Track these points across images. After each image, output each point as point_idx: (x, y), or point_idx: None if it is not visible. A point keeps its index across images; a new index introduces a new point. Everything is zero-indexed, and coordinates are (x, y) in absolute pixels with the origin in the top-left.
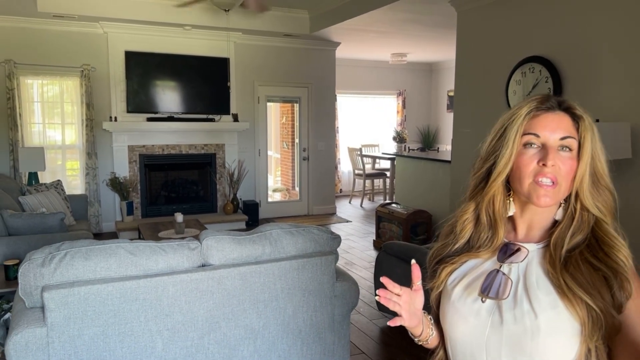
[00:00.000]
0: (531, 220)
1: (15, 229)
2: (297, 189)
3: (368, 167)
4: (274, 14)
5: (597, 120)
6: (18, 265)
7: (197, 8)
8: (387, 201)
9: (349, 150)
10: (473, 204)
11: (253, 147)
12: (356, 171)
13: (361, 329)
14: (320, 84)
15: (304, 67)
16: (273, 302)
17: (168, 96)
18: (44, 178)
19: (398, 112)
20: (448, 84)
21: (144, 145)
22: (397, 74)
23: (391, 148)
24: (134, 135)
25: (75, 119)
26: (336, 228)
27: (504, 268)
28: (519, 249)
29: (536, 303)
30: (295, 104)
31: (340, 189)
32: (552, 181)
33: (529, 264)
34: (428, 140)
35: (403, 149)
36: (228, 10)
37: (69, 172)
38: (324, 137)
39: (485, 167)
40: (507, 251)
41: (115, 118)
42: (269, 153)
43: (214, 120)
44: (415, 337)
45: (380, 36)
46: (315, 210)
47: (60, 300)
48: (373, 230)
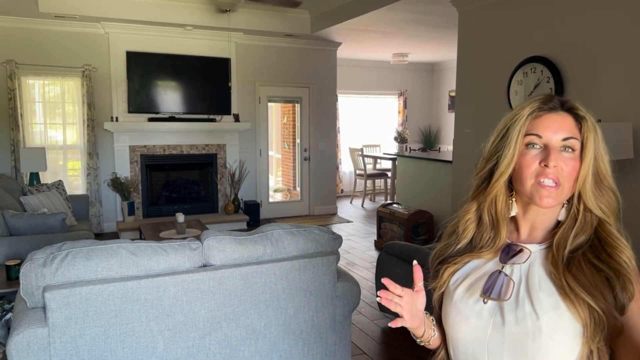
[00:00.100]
0: (534, 221)
1: (16, 229)
2: (298, 189)
3: (369, 168)
4: (275, 14)
5: (599, 121)
6: (19, 265)
7: (198, 8)
8: (389, 201)
9: (350, 151)
10: (475, 204)
11: (254, 148)
12: (357, 171)
13: (362, 330)
14: (321, 84)
15: (305, 67)
16: (274, 303)
17: (169, 96)
18: (45, 178)
19: (399, 112)
20: (449, 84)
21: (145, 146)
22: (399, 74)
23: (392, 148)
24: (135, 136)
25: (76, 119)
26: (337, 228)
27: (506, 269)
28: (521, 250)
29: (538, 304)
30: (296, 104)
31: (342, 189)
32: (555, 182)
33: (532, 265)
34: (429, 141)
35: (404, 149)
36: (229, 11)
37: (70, 172)
38: (325, 138)
39: (488, 167)
40: (510, 252)
41: (117, 118)
42: (270, 153)
43: (215, 121)
44: (417, 338)
45: (382, 36)
46: (317, 210)
47: (62, 300)
48: (374, 230)
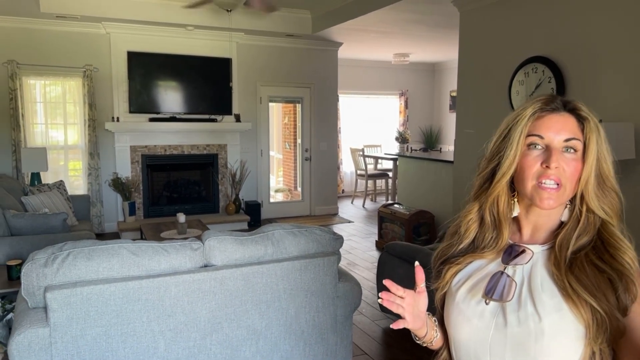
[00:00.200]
0: (536, 222)
1: (18, 229)
2: (299, 189)
3: (370, 168)
4: (276, 14)
5: (600, 121)
6: (21, 265)
7: (199, 8)
8: (390, 202)
9: (351, 151)
10: (477, 205)
11: (255, 148)
12: (358, 172)
13: (363, 330)
14: (322, 84)
15: (306, 68)
16: (275, 303)
17: (170, 96)
18: (47, 178)
19: (400, 113)
20: (450, 84)
21: (146, 146)
22: (400, 74)
23: (393, 148)
24: (136, 136)
25: (77, 119)
26: (338, 228)
27: (509, 270)
28: (523, 251)
29: (540, 306)
30: (297, 104)
31: (343, 190)
32: (556, 183)
33: (534, 266)
34: (430, 141)
35: (405, 150)
36: (230, 11)
37: (71, 173)
38: (326, 138)
39: (490, 168)
40: (512, 253)
41: (118, 118)
42: (271, 153)
43: (216, 121)
44: (419, 339)
45: (383, 36)
46: (318, 210)
47: (63, 300)
48: (375, 230)
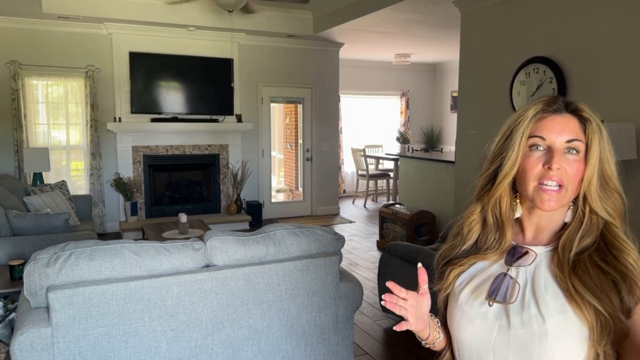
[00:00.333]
0: (539, 223)
1: (20, 229)
2: (301, 189)
3: (371, 168)
4: (277, 15)
5: (602, 121)
6: (23, 265)
7: (201, 9)
8: (391, 202)
9: (352, 151)
10: (479, 206)
11: (256, 148)
12: (360, 172)
13: (365, 330)
14: (323, 84)
15: (307, 68)
16: (277, 303)
17: (172, 97)
18: (49, 178)
19: (402, 113)
20: (452, 84)
21: (148, 146)
22: (401, 75)
23: (395, 149)
24: (138, 136)
25: (79, 119)
26: (340, 229)
27: (512, 271)
28: (527, 252)
29: (544, 307)
30: (298, 105)
31: (344, 190)
32: (558, 184)
33: (537, 268)
34: (432, 141)
35: (406, 150)
36: (232, 11)
37: (73, 173)
38: (328, 138)
39: (492, 169)
40: (515, 254)
41: (120, 119)
42: (273, 154)
43: (218, 121)
44: (422, 341)
45: (384, 37)
46: (319, 210)
47: (65, 300)
48: (376, 230)
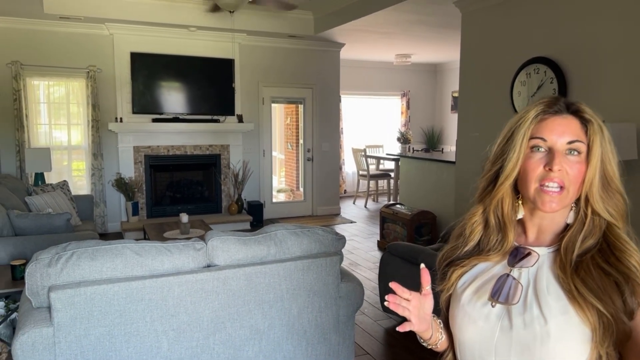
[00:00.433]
0: (541, 224)
1: (21, 229)
2: (302, 189)
3: (372, 168)
4: (278, 15)
5: (604, 122)
6: (25, 265)
7: (202, 9)
8: (392, 202)
9: (353, 151)
10: (481, 207)
11: (257, 148)
12: (360, 172)
13: (366, 330)
14: (324, 85)
15: (308, 68)
16: (278, 303)
17: (173, 97)
18: (50, 178)
19: (402, 113)
20: (452, 84)
21: (149, 146)
22: (402, 75)
23: (395, 149)
24: (140, 136)
25: (81, 119)
26: (340, 229)
27: (514, 272)
28: (529, 253)
29: (546, 309)
30: (299, 105)
31: (345, 190)
32: (559, 186)
33: (540, 269)
34: (432, 141)
35: (407, 150)
36: (233, 12)
37: (74, 173)
38: (329, 138)
39: (494, 170)
40: (518, 255)
41: (121, 119)
42: (274, 154)
43: (219, 121)
44: (424, 342)
45: (385, 37)
46: (320, 211)
47: (67, 300)
48: (377, 231)
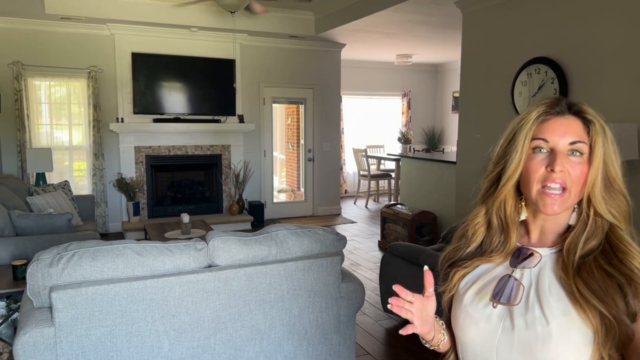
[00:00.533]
0: (543, 226)
1: (23, 230)
2: (303, 189)
3: (373, 168)
4: (279, 15)
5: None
6: (26, 265)
7: (203, 10)
8: (392, 202)
9: (354, 151)
10: (484, 208)
11: (258, 148)
12: (361, 172)
13: (366, 330)
14: (325, 85)
15: (309, 69)
16: (279, 303)
17: (174, 97)
18: (52, 179)
19: (403, 113)
20: (453, 85)
21: (150, 146)
22: (402, 75)
23: (396, 149)
24: (141, 136)
25: (82, 120)
26: (341, 229)
27: (516, 273)
28: (532, 254)
29: (548, 309)
30: (300, 105)
31: (345, 190)
32: (562, 187)
33: (542, 269)
34: (433, 142)
35: (408, 150)
36: (234, 12)
37: (76, 173)
38: (329, 138)
39: (496, 171)
40: (520, 256)
41: (122, 119)
42: (275, 154)
43: (220, 122)
44: (426, 342)
45: (386, 37)
46: (321, 211)
47: (68, 300)
48: (378, 231)
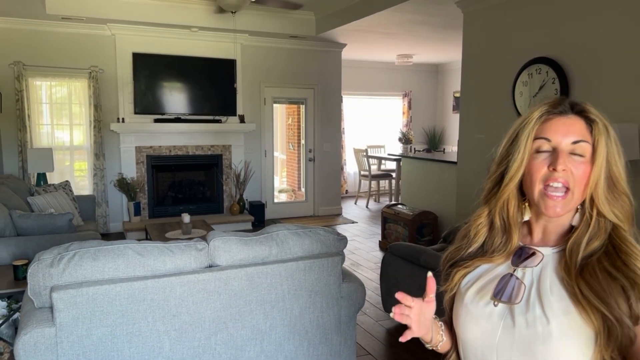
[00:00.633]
0: (546, 226)
1: (24, 230)
2: (303, 189)
3: (374, 168)
4: (280, 16)
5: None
6: (27, 265)
7: (204, 10)
8: (393, 202)
9: (354, 152)
10: (487, 209)
11: (259, 148)
12: (362, 172)
13: (367, 330)
14: (326, 85)
15: (310, 69)
16: (280, 303)
17: (175, 97)
18: (53, 179)
19: (404, 113)
20: (454, 85)
21: (151, 146)
22: (403, 75)
23: (397, 149)
24: (142, 137)
25: (83, 120)
26: (342, 229)
27: (518, 272)
28: (534, 253)
29: (549, 309)
30: (301, 105)
31: (346, 190)
32: (564, 187)
33: (544, 269)
34: (434, 142)
35: (409, 150)
36: (235, 12)
37: (77, 173)
38: (330, 138)
39: (499, 172)
40: (522, 255)
41: (123, 119)
42: (275, 154)
43: (221, 122)
44: (426, 343)
45: (386, 37)
46: (321, 211)
47: (69, 300)
48: (379, 231)
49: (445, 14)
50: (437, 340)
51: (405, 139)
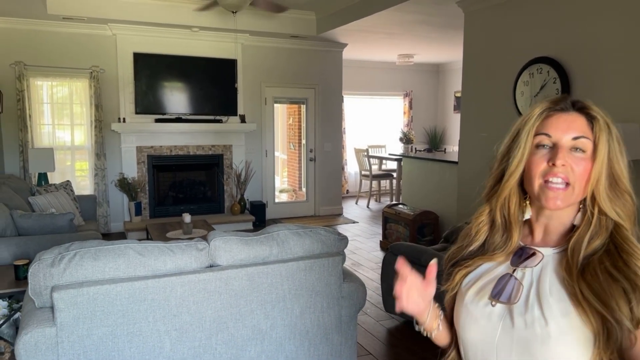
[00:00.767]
0: (547, 225)
1: (25, 229)
2: (304, 189)
3: (375, 168)
4: (281, 16)
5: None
6: (28, 265)
7: (207, 10)
8: (394, 202)
9: (355, 151)
10: (488, 207)
11: (260, 148)
12: (363, 172)
13: (368, 330)
14: (327, 85)
15: (311, 69)
16: (280, 303)
17: (176, 97)
18: (54, 179)
19: (405, 113)
20: (455, 84)
21: (152, 146)
22: (404, 75)
23: (398, 149)
24: (142, 136)
25: (84, 120)
26: (343, 229)
27: (517, 272)
28: (534, 253)
29: (547, 310)
30: (302, 105)
31: (347, 190)
32: (564, 182)
33: (544, 269)
34: (435, 141)
35: (410, 150)
36: (236, 12)
37: (78, 173)
38: (331, 138)
39: (500, 169)
40: (522, 255)
41: (124, 119)
42: (276, 154)
43: (222, 122)
44: (420, 326)
45: (387, 37)
46: (322, 211)
47: (70, 300)
48: (380, 231)
49: (446, 14)
50: (432, 326)
51: (406, 139)
